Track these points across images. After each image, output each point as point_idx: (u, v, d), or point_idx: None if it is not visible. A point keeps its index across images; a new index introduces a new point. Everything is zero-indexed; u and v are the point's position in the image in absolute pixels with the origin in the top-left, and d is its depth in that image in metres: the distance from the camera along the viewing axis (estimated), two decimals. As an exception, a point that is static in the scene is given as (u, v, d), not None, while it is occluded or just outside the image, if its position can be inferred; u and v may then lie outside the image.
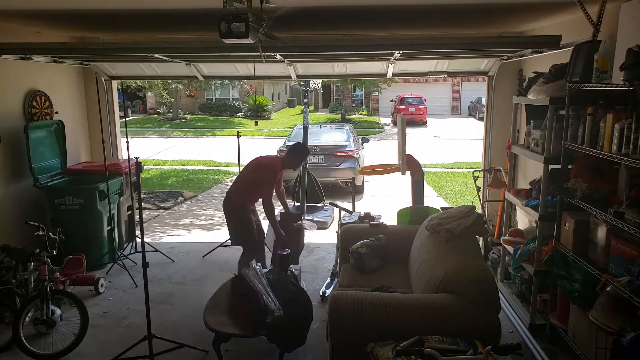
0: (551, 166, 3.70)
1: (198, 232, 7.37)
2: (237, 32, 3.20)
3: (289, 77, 6.24)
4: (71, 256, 4.58)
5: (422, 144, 17.67)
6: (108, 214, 5.41)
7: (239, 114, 28.84)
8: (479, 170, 6.26)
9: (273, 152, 10.68)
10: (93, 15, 4.42)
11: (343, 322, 2.84)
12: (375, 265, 4.08)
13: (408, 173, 5.05)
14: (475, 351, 2.43)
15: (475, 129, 22.19)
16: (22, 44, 4.78)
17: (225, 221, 4.85)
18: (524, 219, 5.04)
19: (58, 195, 5.17)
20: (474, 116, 28.12)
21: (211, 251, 5.93)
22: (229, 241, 5.44)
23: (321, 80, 25.42)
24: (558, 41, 4.00)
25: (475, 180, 6.29)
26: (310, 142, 8.89)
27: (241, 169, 5.14)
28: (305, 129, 8.26)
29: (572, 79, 3.35)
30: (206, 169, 13.07)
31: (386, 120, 28.14)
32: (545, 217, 3.75)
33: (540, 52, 4.49)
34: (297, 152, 4.84)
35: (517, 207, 4.73)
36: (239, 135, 5.96)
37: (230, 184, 12.11)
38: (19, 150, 5.04)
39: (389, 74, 6.14)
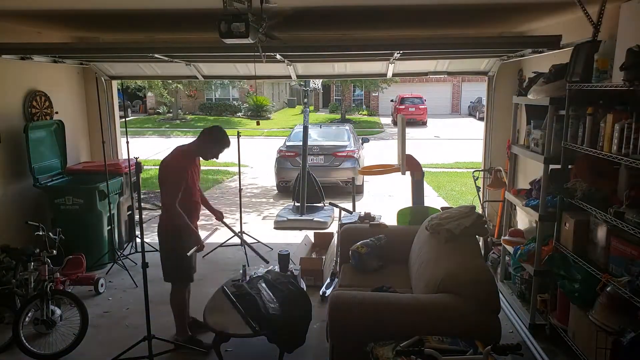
0: (551, 166, 3.70)
1: (201, 231, 7.35)
2: (237, 32, 3.20)
3: (289, 77, 6.24)
4: (71, 256, 4.58)
5: (422, 144, 17.67)
6: (108, 214, 5.41)
7: (239, 114, 28.84)
8: (479, 170, 6.26)
9: (273, 152, 10.70)
10: (93, 15, 4.42)
11: (343, 322, 2.84)
12: (375, 265, 4.08)
13: (408, 173, 5.05)
14: (475, 351, 2.43)
15: (475, 129, 22.19)
16: (22, 44, 4.78)
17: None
18: (524, 219, 5.04)
19: (58, 195, 5.17)
20: (474, 116, 28.13)
21: (211, 251, 5.93)
22: (233, 240, 5.38)
23: (321, 80, 25.43)
24: (558, 41, 4.00)
25: (475, 180, 6.29)
26: (310, 142, 8.91)
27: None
28: (305, 129, 8.27)
29: (572, 79, 3.35)
30: (206, 169, 13.05)
31: (386, 120, 28.13)
32: (545, 217, 3.75)
33: (540, 52, 4.49)
34: (215, 141, 3.69)
35: (517, 207, 4.73)
36: (238, 135, 5.95)
37: (231, 183, 11.99)
38: (19, 150, 5.04)
39: (389, 74, 6.14)
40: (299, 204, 7.98)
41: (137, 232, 5.84)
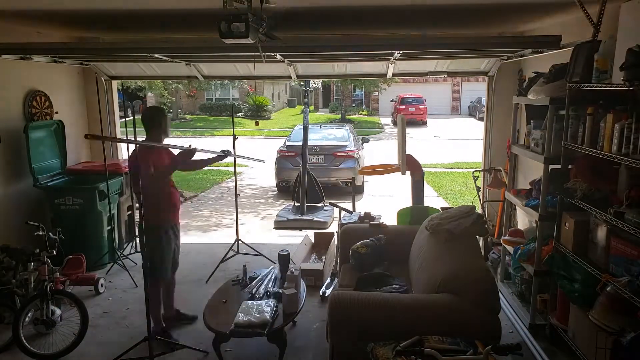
0: (551, 166, 3.70)
1: (197, 232, 7.37)
2: (237, 32, 3.20)
3: (289, 77, 6.24)
4: (71, 256, 4.58)
5: (422, 144, 17.67)
6: (108, 214, 5.41)
7: (239, 114, 28.86)
8: (479, 170, 6.26)
9: (273, 152, 10.70)
10: (93, 15, 4.42)
11: (343, 322, 2.84)
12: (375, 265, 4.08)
13: (408, 173, 5.05)
14: (475, 351, 2.43)
15: (475, 129, 22.19)
16: (22, 44, 4.78)
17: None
18: (524, 219, 5.04)
19: (58, 195, 5.17)
20: (474, 116, 28.14)
21: (212, 275, 5.33)
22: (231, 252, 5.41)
23: (321, 80, 25.45)
24: (558, 41, 4.00)
25: (475, 180, 6.29)
26: (310, 142, 8.91)
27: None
28: (305, 129, 8.27)
29: (572, 79, 3.35)
30: (205, 169, 13.04)
31: (386, 120, 28.15)
32: (545, 217, 3.75)
33: (540, 52, 4.49)
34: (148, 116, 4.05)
35: (517, 207, 4.73)
36: (234, 138, 5.83)
37: (229, 184, 12.00)
38: (19, 150, 5.03)
39: (389, 74, 6.14)
40: (299, 204, 7.99)
41: (137, 232, 5.83)
